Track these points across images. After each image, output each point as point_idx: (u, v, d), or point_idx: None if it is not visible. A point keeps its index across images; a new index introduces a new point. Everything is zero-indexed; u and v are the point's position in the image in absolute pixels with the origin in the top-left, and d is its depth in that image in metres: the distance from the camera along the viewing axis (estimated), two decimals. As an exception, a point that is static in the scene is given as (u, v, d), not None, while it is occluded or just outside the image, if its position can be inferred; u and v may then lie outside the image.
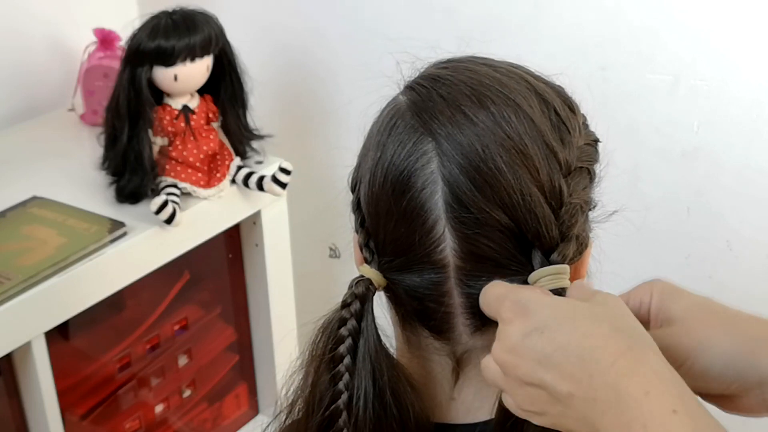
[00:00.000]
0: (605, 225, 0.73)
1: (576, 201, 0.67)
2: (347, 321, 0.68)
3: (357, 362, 0.68)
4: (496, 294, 0.63)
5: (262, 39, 1.75)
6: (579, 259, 0.69)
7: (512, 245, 0.65)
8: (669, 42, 1.37)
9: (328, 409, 0.68)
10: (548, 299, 0.60)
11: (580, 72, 1.31)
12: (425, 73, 0.71)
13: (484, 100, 0.66)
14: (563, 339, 0.57)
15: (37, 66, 1.71)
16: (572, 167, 0.67)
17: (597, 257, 0.73)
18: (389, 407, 0.67)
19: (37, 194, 1.40)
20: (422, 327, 0.70)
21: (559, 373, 0.57)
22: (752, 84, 1.33)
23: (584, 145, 0.70)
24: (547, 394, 0.58)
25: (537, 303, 0.60)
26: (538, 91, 0.69)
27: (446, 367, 0.71)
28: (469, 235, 0.65)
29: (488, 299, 0.64)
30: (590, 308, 0.59)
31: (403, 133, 0.67)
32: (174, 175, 1.39)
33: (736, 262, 1.44)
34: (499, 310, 0.61)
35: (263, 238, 1.53)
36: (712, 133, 1.39)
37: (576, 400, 0.56)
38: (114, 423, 1.46)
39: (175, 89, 1.38)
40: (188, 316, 1.54)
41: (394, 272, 0.69)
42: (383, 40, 1.58)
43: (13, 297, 1.20)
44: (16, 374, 1.27)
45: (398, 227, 0.67)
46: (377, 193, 0.68)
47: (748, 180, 1.39)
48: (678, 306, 0.66)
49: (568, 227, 0.66)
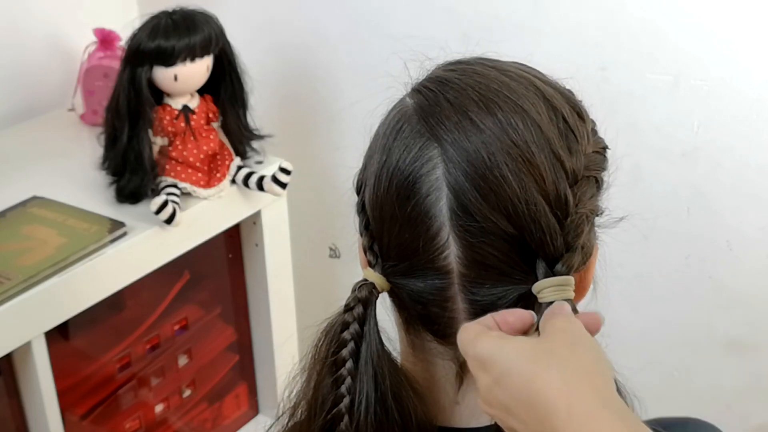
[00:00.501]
0: (609, 230, 0.73)
1: (582, 211, 0.66)
2: (350, 325, 0.68)
3: (359, 366, 0.67)
4: (463, 343, 0.62)
5: (262, 39, 1.75)
6: (584, 267, 0.68)
7: (516, 254, 0.65)
8: (669, 42, 1.37)
9: (330, 412, 0.68)
10: (504, 346, 0.59)
11: (580, 72, 1.31)
12: (432, 76, 0.71)
13: (491, 106, 0.66)
14: (515, 387, 0.57)
15: (37, 66, 1.71)
16: (579, 176, 0.67)
17: (600, 259, 0.72)
18: (391, 411, 0.67)
19: (37, 194, 1.40)
20: (426, 331, 0.70)
21: (520, 421, 0.57)
22: (752, 84, 1.33)
23: (592, 153, 0.69)
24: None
25: (493, 354, 0.59)
26: (547, 96, 0.68)
27: (450, 371, 0.71)
28: (473, 243, 0.64)
29: (461, 346, 0.63)
30: (540, 345, 0.58)
31: (409, 138, 0.67)
32: (174, 175, 1.39)
33: (736, 262, 1.44)
34: (468, 362, 0.62)
35: (263, 238, 1.53)
36: (712, 133, 1.39)
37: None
38: (114, 423, 1.46)
39: (175, 89, 1.38)
40: (188, 316, 1.54)
41: (398, 277, 0.68)
42: (384, 39, 1.59)
43: (13, 297, 1.20)
44: (16, 374, 1.27)
45: (402, 232, 0.67)
46: (382, 197, 0.68)
47: (748, 180, 1.39)
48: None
49: (574, 237, 0.65)
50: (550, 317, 0.61)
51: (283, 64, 1.77)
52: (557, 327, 0.59)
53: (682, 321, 1.52)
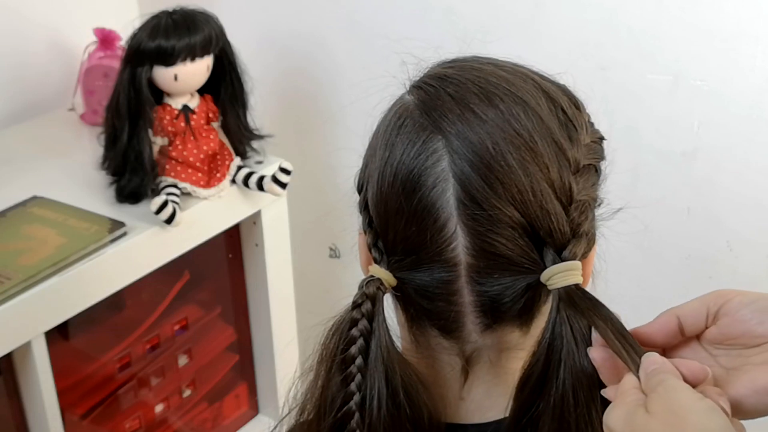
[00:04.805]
0: (607, 224, 0.73)
1: (585, 198, 0.67)
2: (358, 321, 0.68)
3: (369, 363, 0.67)
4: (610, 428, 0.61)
5: (262, 38, 1.75)
6: (586, 257, 0.69)
7: (524, 243, 0.65)
8: (669, 42, 1.37)
9: (340, 410, 0.67)
10: (610, 412, 0.59)
11: (580, 72, 1.30)
12: (431, 73, 0.71)
13: (492, 98, 0.66)
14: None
15: (37, 66, 1.71)
16: (580, 164, 0.67)
17: (601, 256, 0.73)
18: (403, 407, 0.67)
19: (38, 194, 1.40)
20: (432, 326, 0.70)
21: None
22: (752, 84, 1.33)
23: (591, 143, 0.70)
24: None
25: (604, 418, 0.59)
26: (544, 89, 0.69)
27: (455, 367, 0.71)
28: (482, 232, 0.65)
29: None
30: (639, 419, 0.57)
31: (412, 132, 0.67)
32: (174, 175, 1.39)
33: (736, 262, 1.44)
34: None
35: (263, 238, 1.53)
36: (712, 133, 1.39)
37: None
38: (114, 423, 1.46)
39: (175, 89, 1.38)
40: (188, 316, 1.54)
41: (404, 271, 0.68)
42: (384, 40, 1.58)
43: (13, 297, 1.20)
44: (16, 374, 1.27)
45: (409, 226, 0.67)
46: (386, 192, 0.68)
47: (748, 180, 1.39)
48: (732, 302, 0.64)
49: (578, 224, 0.66)
50: (652, 382, 0.59)
51: (284, 63, 1.77)
52: (660, 400, 0.58)
53: (682, 321, 1.52)
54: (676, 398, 0.57)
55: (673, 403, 0.56)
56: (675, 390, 0.57)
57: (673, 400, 0.57)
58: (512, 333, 0.70)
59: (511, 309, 0.68)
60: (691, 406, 0.56)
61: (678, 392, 0.57)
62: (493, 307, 0.67)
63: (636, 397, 0.59)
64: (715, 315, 0.63)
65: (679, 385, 0.58)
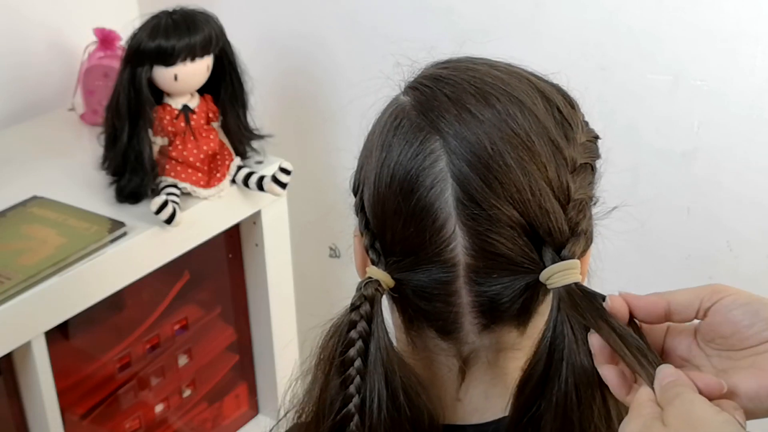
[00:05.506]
0: (606, 224, 0.73)
1: (582, 196, 0.68)
2: (357, 323, 0.67)
3: (368, 365, 0.67)
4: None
5: (261, 38, 1.75)
6: (584, 256, 0.69)
7: (523, 242, 0.65)
8: (669, 42, 1.37)
9: (339, 412, 0.67)
10: (627, 422, 0.59)
11: (580, 72, 1.31)
12: (426, 74, 0.71)
13: (488, 98, 0.67)
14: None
15: (37, 66, 1.71)
16: (577, 163, 0.68)
17: (600, 256, 0.73)
18: (403, 409, 0.67)
19: (37, 194, 1.40)
20: (429, 327, 0.70)
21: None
22: (752, 84, 1.33)
23: (586, 141, 0.70)
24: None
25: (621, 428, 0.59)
26: (540, 88, 0.69)
27: (452, 368, 0.71)
28: (481, 232, 0.65)
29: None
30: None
31: (409, 133, 0.67)
32: (174, 175, 1.39)
33: (736, 262, 1.44)
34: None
35: (263, 238, 1.53)
36: (712, 133, 1.39)
37: None
38: (114, 423, 1.46)
39: (175, 89, 1.38)
40: (188, 316, 1.54)
41: (402, 272, 0.68)
42: (383, 40, 1.58)
43: (13, 297, 1.20)
44: (16, 374, 1.27)
45: (407, 227, 0.67)
46: (384, 193, 0.68)
47: (748, 180, 1.39)
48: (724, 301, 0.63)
49: (577, 223, 0.67)
50: (669, 395, 0.59)
51: (284, 63, 1.77)
52: (677, 413, 0.57)
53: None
54: (693, 411, 0.57)
55: (690, 416, 0.56)
56: (692, 403, 0.57)
57: (691, 413, 0.56)
58: (510, 333, 0.70)
59: (510, 309, 0.68)
60: (709, 420, 0.56)
61: (695, 405, 0.57)
62: (492, 307, 0.67)
63: (652, 410, 0.58)
64: (708, 310, 0.63)
65: (696, 399, 0.58)
